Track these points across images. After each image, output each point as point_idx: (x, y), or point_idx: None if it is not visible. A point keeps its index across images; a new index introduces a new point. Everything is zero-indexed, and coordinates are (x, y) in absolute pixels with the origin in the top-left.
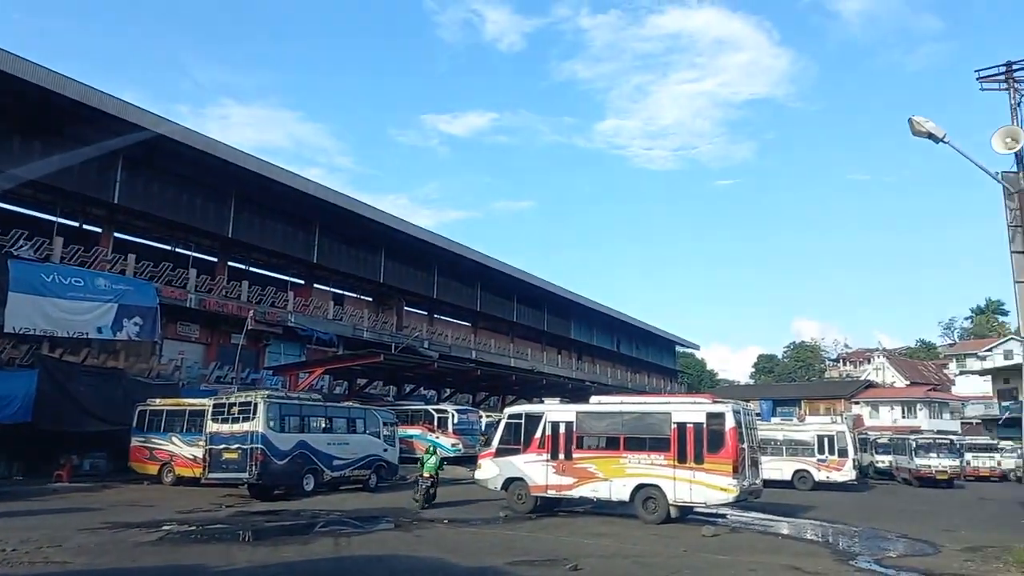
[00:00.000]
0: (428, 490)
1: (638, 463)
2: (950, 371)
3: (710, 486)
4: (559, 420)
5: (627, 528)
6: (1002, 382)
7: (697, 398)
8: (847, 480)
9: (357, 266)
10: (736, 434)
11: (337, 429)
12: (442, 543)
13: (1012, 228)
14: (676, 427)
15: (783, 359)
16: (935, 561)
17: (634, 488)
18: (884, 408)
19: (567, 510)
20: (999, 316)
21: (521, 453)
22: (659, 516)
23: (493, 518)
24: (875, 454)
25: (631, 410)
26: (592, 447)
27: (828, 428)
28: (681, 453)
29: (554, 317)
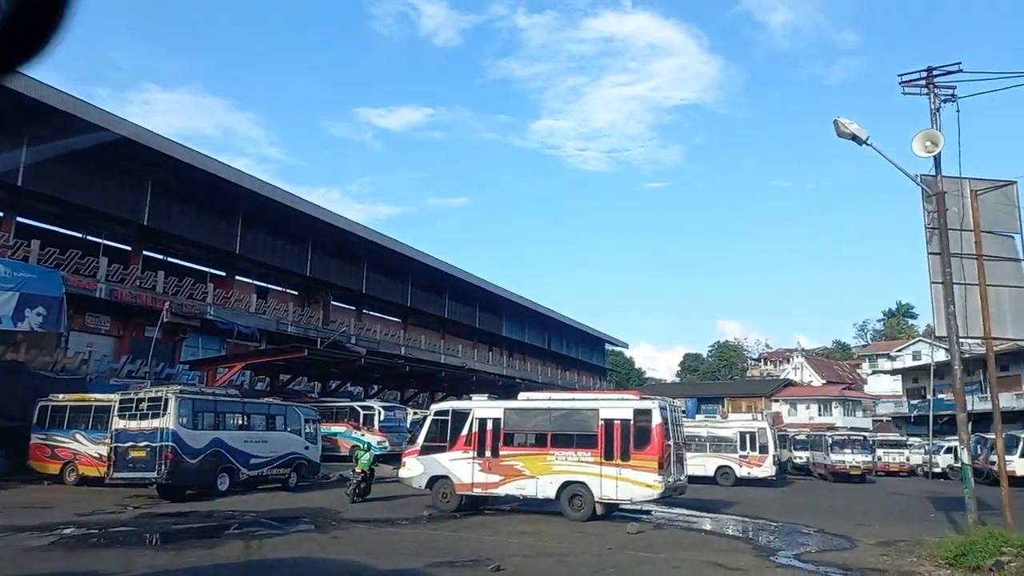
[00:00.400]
0: (359, 485)
1: (565, 460)
2: (863, 371)
3: (636, 483)
4: (486, 417)
5: (553, 526)
6: (911, 381)
7: (625, 395)
8: (767, 476)
9: (282, 258)
10: (663, 431)
11: (255, 426)
12: (360, 545)
13: (929, 230)
14: (603, 424)
15: (708, 358)
16: (852, 556)
17: (561, 485)
18: (802, 406)
19: (493, 508)
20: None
21: (447, 451)
22: (585, 513)
23: (417, 517)
24: (793, 450)
25: (559, 407)
26: (519, 444)
27: (750, 425)
28: (608, 450)
29: (486, 314)
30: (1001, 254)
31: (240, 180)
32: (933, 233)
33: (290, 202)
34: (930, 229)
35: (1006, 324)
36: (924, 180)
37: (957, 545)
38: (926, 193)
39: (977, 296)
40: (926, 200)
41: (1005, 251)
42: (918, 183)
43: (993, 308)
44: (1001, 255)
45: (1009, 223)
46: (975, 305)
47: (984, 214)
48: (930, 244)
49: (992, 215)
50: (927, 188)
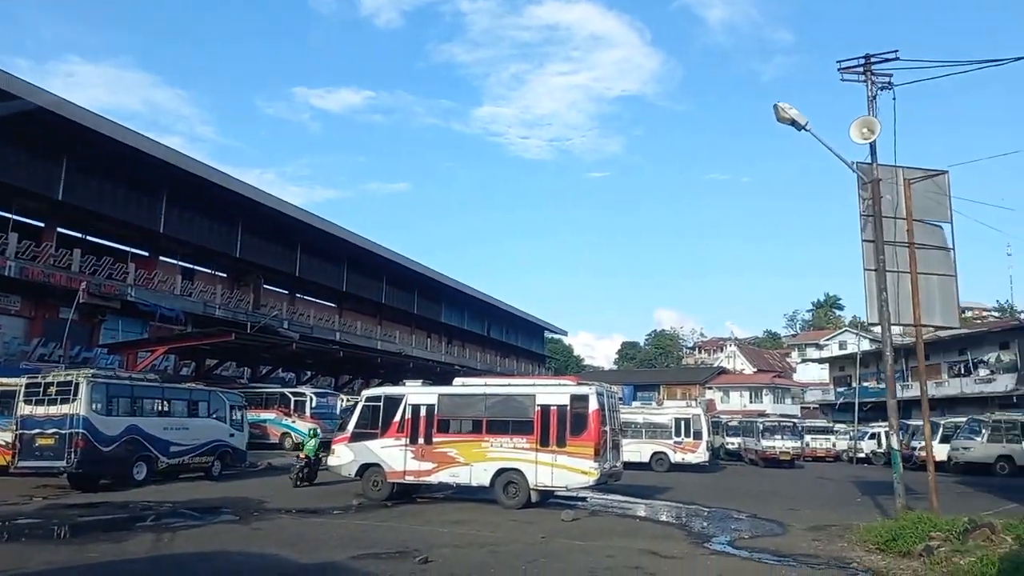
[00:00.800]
0: (303, 470)
1: (500, 447)
2: (792, 359)
3: (572, 469)
4: (420, 403)
5: (486, 514)
6: (838, 370)
7: (562, 380)
8: (701, 461)
9: (211, 239)
10: (599, 417)
11: (176, 412)
12: (282, 536)
13: (864, 217)
14: (540, 410)
15: (645, 346)
16: (784, 541)
17: (495, 472)
18: (734, 393)
19: (426, 497)
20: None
21: (379, 438)
22: (520, 501)
23: (346, 506)
24: (726, 436)
25: (495, 392)
26: (454, 431)
27: (685, 412)
28: (544, 436)
29: (424, 300)
30: (931, 243)
31: (164, 155)
32: (867, 220)
33: (219, 180)
34: (865, 216)
35: (935, 312)
36: (859, 168)
37: (887, 530)
38: (861, 180)
39: (908, 284)
40: (861, 187)
41: (935, 240)
42: (854, 170)
43: (923, 296)
44: (931, 244)
45: (940, 212)
46: (906, 292)
47: (916, 203)
48: (864, 231)
49: (924, 204)
50: (862, 175)
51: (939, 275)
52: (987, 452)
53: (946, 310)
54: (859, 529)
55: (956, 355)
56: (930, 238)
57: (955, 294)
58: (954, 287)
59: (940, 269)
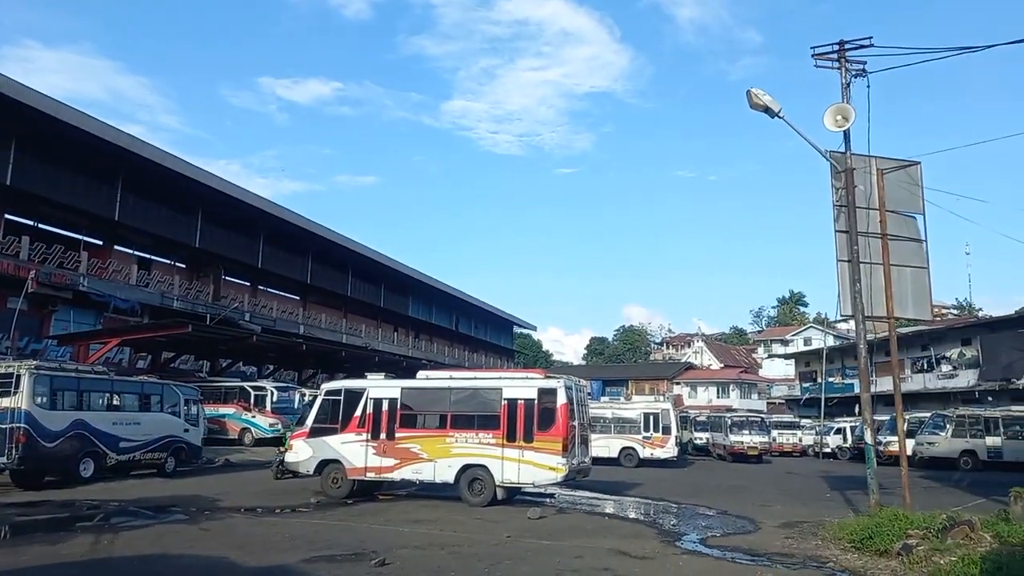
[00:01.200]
0: (283, 463)
1: (465, 442)
2: (758, 355)
3: (539, 465)
4: (382, 397)
5: (450, 512)
6: (803, 365)
7: (530, 373)
8: (670, 457)
9: (169, 228)
10: (567, 411)
11: (126, 406)
12: (231, 537)
13: (837, 207)
14: (506, 403)
15: (613, 342)
16: (757, 539)
17: (460, 469)
18: (701, 388)
19: (389, 494)
20: (800, 307)
21: (338, 433)
22: (485, 498)
23: (303, 504)
24: (694, 431)
25: (460, 386)
26: (417, 426)
27: (653, 407)
28: (511, 431)
29: (391, 293)
30: (905, 234)
31: (120, 140)
32: (841, 211)
33: (178, 167)
34: (838, 206)
35: (907, 304)
36: (832, 156)
37: (862, 527)
38: (835, 169)
39: (880, 276)
40: (834, 177)
41: (908, 231)
42: (827, 158)
43: (895, 288)
44: (904, 235)
45: (913, 203)
46: (879, 284)
47: (889, 193)
48: (837, 222)
49: (896, 194)
50: (836, 164)
51: (912, 267)
52: (951, 447)
53: (919, 303)
54: (832, 526)
55: (919, 351)
56: (903, 229)
57: (928, 286)
58: (927, 279)
59: (913, 261)
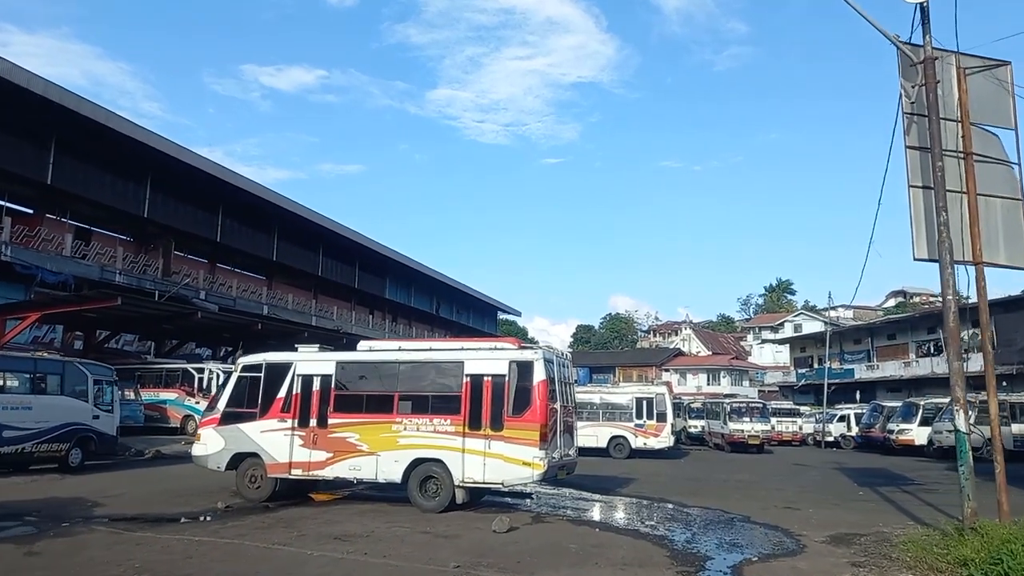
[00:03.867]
0: None
1: (416, 430)
2: (747, 342)
3: (510, 460)
4: (313, 373)
5: (392, 522)
6: (799, 351)
7: (500, 343)
8: (664, 447)
9: (112, 196)
10: (547, 390)
11: (13, 388)
12: (56, 568)
13: (908, 116)
14: (469, 381)
15: (600, 330)
16: (810, 566)
17: (409, 464)
18: (691, 375)
19: (332, 493)
20: (788, 295)
21: (257, 419)
22: (440, 502)
23: (207, 511)
24: (688, 419)
25: (411, 359)
26: (356, 410)
27: (647, 391)
28: (474, 416)
29: (367, 274)
30: (992, 155)
31: (49, 93)
32: (912, 120)
33: (123, 128)
34: (910, 115)
35: (998, 246)
36: (904, 46)
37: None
38: (907, 62)
39: (959, 209)
40: (905, 74)
41: (993, 151)
42: (897, 46)
43: (982, 225)
44: (992, 157)
45: (1000, 115)
46: (957, 220)
47: (972, 102)
48: (908, 135)
49: (979, 104)
50: (910, 55)
51: (1003, 198)
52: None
53: (1013, 245)
54: (911, 544)
55: (925, 334)
56: (989, 149)
57: (1022, 224)
58: (1021, 215)
59: (1003, 190)
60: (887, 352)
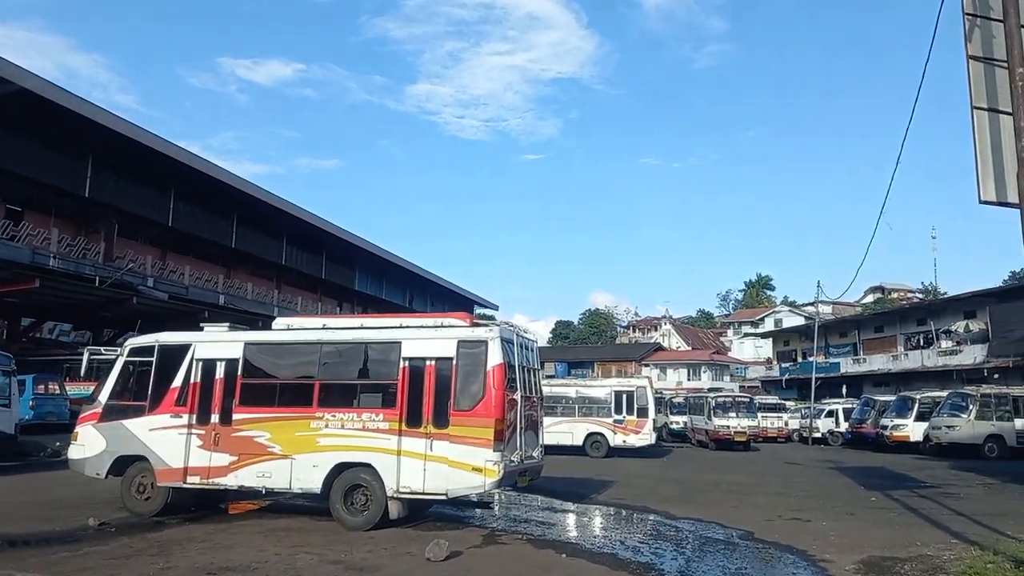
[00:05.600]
0: None
1: (341, 428)
2: (727, 338)
3: (457, 464)
4: (215, 358)
5: (302, 544)
6: (782, 344)
7: (447, 319)
8: (645, 444)
9: (48, 172)
10: (503, 378)
11: None
12: None
13: (970, 18)
14: (407, 367)
15: (579, 326)
16: None
17: (331, 470)
18: (671, 370)
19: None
20: (767, 290)
21: (146, 414)
22: (370, 518)
23: (71, 531)
24: (670, 414)
25: (336, 340)
26: (267, 403)
27: (627, 384)
28: (413, 410)
29: (335, 264)
30: None
31: None
32: (975, 24)
33: (61, 99)
34: (972, 16)
35: None
36: None
37: None
38: None
39: None
40: None
41: None
42: None
43: None
44: None
45: None
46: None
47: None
48: (971, 41)
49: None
50: None
51: None
52: (975, 432)
53: None
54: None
55: (915, 326)
56: None
57: None
58: None
59: None
60: (874, 345)
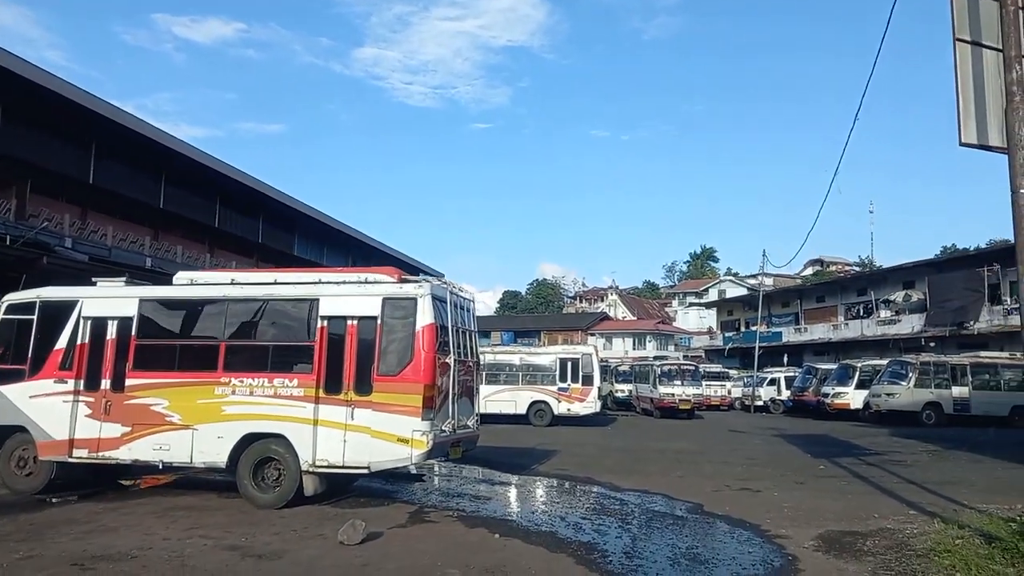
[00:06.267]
0: None
1: (249, 395)
2: (672, 308)
3: (380, 435)
4: (106, 316)
5: (198, 526)
6: (726, 314)
7: (372, 274)
8: (590, 412)
9: None
10: (434, 338)
11: None
12: None
13: None
14: (327, 326)
15: (526, 295)
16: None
17: (239, 442)
18: (617, 339)
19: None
20: (711, 262)
21: (26, 379)
22: (282, 494)
23: None
24: (615, 383)
25: (244, 296)
26: (166, 367)
27: (572, 351)
28: (332, 374)
29: (273, 228)
30: None
31: None
32: None
33: None
34: None
35: None
36: None
37: None
38: None
39: None
40: None
41: None
42: None
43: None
44: None
45: None
46: None
47: None
48: None
49: None
50: None
51: None
52: (914, 399)
53: None
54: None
55: (855, 296)
56: None
57: None
58: None
59: None
60: (815, 315)
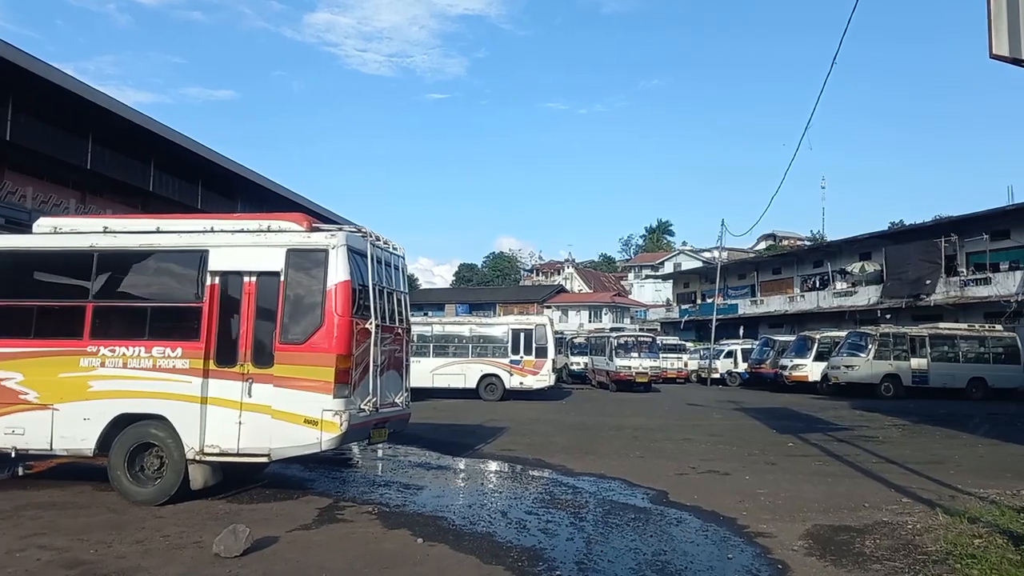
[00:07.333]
0: None
1: (122, 367)
2: (628, 282)
3: (283, 415)
4: None
5: (48, 528)
6: (682, 286)
7: (276, 221)
8: (544, 386)
9: None
10: (350, 299)
11: None
12: None
13: None
14: (218, 284)
15: (482, 268)
16: None
17: (109, 424)
18: (573, 312)
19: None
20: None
21: None
22: (164, 488)
23: None
24: (570, 355)
25: (115, 246)
26: (19, 334)
27: (525, 322)
28: (225, 342)
29: (212, 193)
30: None
31: None
32: None
33: None
34: None
35: None
36: None
37: None
38: None
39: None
40: None
41: None
42: None
43: None
44: None
45: None
46: None
47: None
48: None
49: None
50: None
51: None
52: (872, 371)
53: None
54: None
55: (811, 268)
56: None
57: None
58: None
59: None
60: (771, 287)
